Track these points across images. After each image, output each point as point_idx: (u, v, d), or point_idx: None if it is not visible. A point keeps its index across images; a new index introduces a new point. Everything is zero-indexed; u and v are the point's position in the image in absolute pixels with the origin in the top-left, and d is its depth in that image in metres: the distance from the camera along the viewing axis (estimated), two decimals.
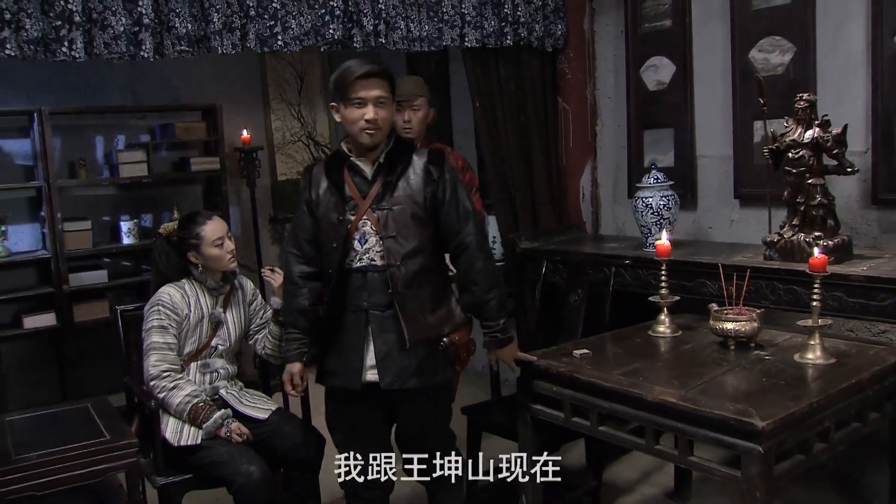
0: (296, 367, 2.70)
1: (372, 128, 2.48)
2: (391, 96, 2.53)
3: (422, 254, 2.55)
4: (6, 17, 2.73)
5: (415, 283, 2.54)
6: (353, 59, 2.55)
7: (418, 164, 2.57)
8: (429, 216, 2.56)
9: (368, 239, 2.53)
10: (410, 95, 3.37)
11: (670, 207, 3.47)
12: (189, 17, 3.07)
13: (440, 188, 2.56)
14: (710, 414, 2.15)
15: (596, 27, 4.23)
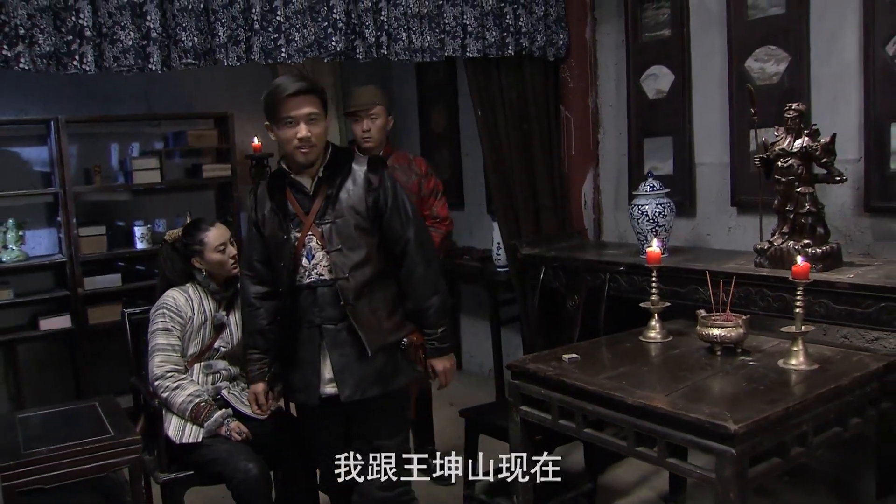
0: (259, 388, 2.70)
1: (305, 146, 2.48)
2: (323, 111, 2.53)
3: (370, 263, 2.56)
4: (20, 33, 2.85)
5: (366, 292, 2.54)
6: (282, 77, 2.56)
7: (358, 174, 2.57)
8: (373, 225, 2.57)
9: (315, 254, 2.54)
10: (368, 105, 3.43)
11: (665, 215, 3.53)
12: (195, 31, 3.18)
13: (381, 195, 2.56)
14: (686, 417, 2.22)
15: (598, 36, 4.30)
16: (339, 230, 2.52)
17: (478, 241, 5.24)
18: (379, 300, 2.58)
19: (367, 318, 2.54)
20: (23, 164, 4.60)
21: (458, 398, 4.59)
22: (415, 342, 2.63)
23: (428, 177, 3.58)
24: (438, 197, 3.60)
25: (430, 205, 3.57)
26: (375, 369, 2.56)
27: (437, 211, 3.57)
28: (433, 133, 5.65)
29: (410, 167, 3.56)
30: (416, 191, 3.50)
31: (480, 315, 5.23)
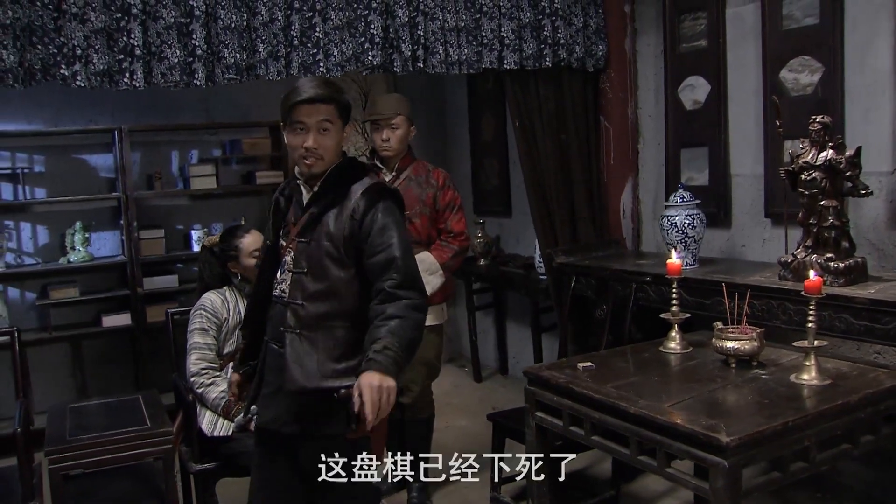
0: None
1: (311, 157, 2.31)
2: (339, 121, 2.34)
3: (333, 297, 2.33)
4: (77, 53, 3.08)
5: (320, 326, 2.32)
6: (303, 80, 2.40)
7: (352, 198, 2.34)
8: (345, 257, 2.32)
9: (285, 269, 2.40)
10: (389, 114, 3.48)
11: (695, 226, 3.54)
12: (237, 48, 3.37)
13: (363, 227, 2.30)
14: (683, 428, 2.25)
15: (638, 47, 4.33)
16: (309, 253, 2.34)
17: (523, 249, 5.31)
18: (335, 340, 2.33)
19: (303, 353, 2.31)
20: (90, 170, 4.91)
21: (502, 402, 4.69)
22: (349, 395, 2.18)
23: (444, 189, 3.56)
24: (455, 211, 3.57)
25: (446, 218, 3.56)
26: (298, 407, 2.33)
27: (452, 225, 3.56)
28: (482, 141, 5.75)
29: (428, 179, 3.56)
30: (430, 204, 3.53)
31: (524, 321, 5.31)
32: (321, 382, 2.30)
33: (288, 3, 3.44)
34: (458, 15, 3.82)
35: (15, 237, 4.82)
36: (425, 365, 3.62)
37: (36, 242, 4.89)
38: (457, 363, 6.16)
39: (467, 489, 3.82)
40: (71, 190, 4.75)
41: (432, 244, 3.55)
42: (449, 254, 3.53)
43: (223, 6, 3.32)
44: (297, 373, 2.29)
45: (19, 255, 4.83)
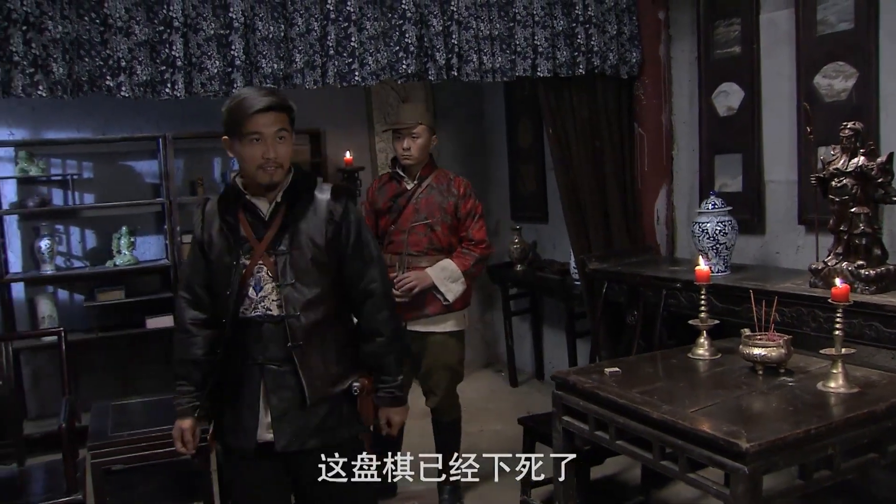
0: (186, 424, 2.43)
1: (271, 166, 2.27)
2: (291, 128, 2.35)
3: (324, 302, 2.36)
4: (122, 65, 3.22)
5: (317, 333, 2.34)
6: (248, 89, 2.40)
7: (321, 203, 2.36)
8: (331, 260, 2.36)
9: (264, 286, 2.31)
10: (410, 123, 3.52)
11: (727, 233, 3.54)
12: (275, 58, 3.46)
13: (343, 229, 2.36)
14: (704, 433, 2.27)
15: (672, 53, 4.33)
16: (293, 263, 2.31)
17: (560, 255, 5.33)
18: (329, 343, 2.38)
19: (313, 363, 2.34)
20: (135, 176, 5.07)
21: (537, 406, 4.71)
22: (367, 386, 2.44)
23: (466, 198, 3.60)
24: (476, 219, 3.61)
25: (467, 227, 3.60)
26: (316, 420, 2.35)
27: (473, 234, 3.59)
28: (519, 147, 5.79)
29: (449, 188, 3.60)
30: (451, 212, 3.57)
31: (560, 326, 5.33)
32: (337, 387, 2.38)
33: (324, 14, 3.53)
34: (492, 24, 3.87)
35: (65, 241, 5.02)
36: (448, 370, 3.67)
37: (84, 246, 5.08)
38: (493, 368, 6.20)
39: (498, 492, 3.85)
40: (117, 195, 4.92)
41: (453, 252, 3.60)
42: (470, 261, 3.58)
43: (261, 18, 3.42)
44: (317, 383, 2.33)
45: (69, 259, 5.03)
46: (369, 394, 2.44)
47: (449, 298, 3.54)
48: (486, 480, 3.97)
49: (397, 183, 3.63)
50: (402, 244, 3.55)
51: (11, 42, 3.03)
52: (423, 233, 3.55)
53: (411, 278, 3.49)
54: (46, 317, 4.76)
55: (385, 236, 3.62)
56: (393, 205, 3.59)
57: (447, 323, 3.62)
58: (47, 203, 4.86)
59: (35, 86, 3.07)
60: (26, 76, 3.06)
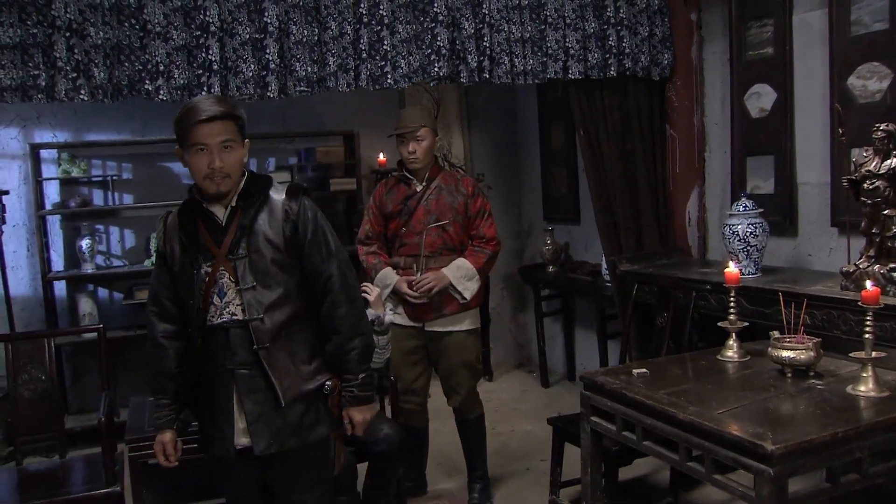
0: (166, 437, 2.43)
1: (217, 176, 2.25)
2: (240, 138, 2.31)
3: (288, 302, 2.35)
4: (160, 69, 3.30)
5: (283, 334, 2.33)
6: (197, 98, 2.39)
7: (276, 203, 2.35)
8: (291, 259, 2.35)
9: (227, 291, 2.30)
10: (414, 126, 3.55)
11: (757, 235, 3.52)
12: (308, 61, 3.52)
13: (300, 226, 2.34)
14: (729, 435, 2.28)
15: (704, 55, 4.31)
16: (253, 265, 2.30)
17: (591, 256, 5.34)
18: (298, 343, 2.38)
19: (282, 364, 2.33)
20: (173, 177, 5.18)
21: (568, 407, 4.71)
22: (336, 386, 2.43)
23: (475, 197, 3.63)
24: (485, 217, 3.64)
25: (477, 225, 3.63)
26: (293, 419, 2.35)
27: (484, 231, 3.63)
28: (551, 149, 5.80)
29: (457, 188, 3.63)
30: (462, 211, 3.61)
31: (592, 327, 5.33)
32: (309, 384, 2.37)
33: (357, 18, 3.58)
34: (524, 26, 3.89)
35: (104, 240, 5.15)
36: (468, 368, 3.70)
37: (123, 246, 5.21)
38: (525, 368, 6.22)
39: (527, 491, 3.90)
40: (155, 196, 5.02)
41: (464, 250, 3.64)
42: (483, 258, 3.62)
43: (295, 22, 3.48)
44: (288, 382, 2.33)
45: (108, 258, 5.16)
46: (337, 394, 2.43)
47: (466, 297, 3.58)
48: (515, 479, 4.05)
49: (406, 186, 3.66)
50: (417, 246, 3.59)
51: (55, 48, 3.13)
52: (437, 234, 3.59)
53: (429, 279, 3.54)
54: (87, 314, 4.89)
55: (396, 239, 3.66)
56: (404, 207, 3.62)
57: (465, 322, 3.66)
58: (88, 203, 4.99)
59: (77, 90, 3.17)
60: (69, 81, 3.15)
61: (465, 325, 3.67)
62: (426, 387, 3.79)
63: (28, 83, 3.15)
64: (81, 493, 3.00)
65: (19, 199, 4.92)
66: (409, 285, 3.56)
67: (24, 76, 3.14)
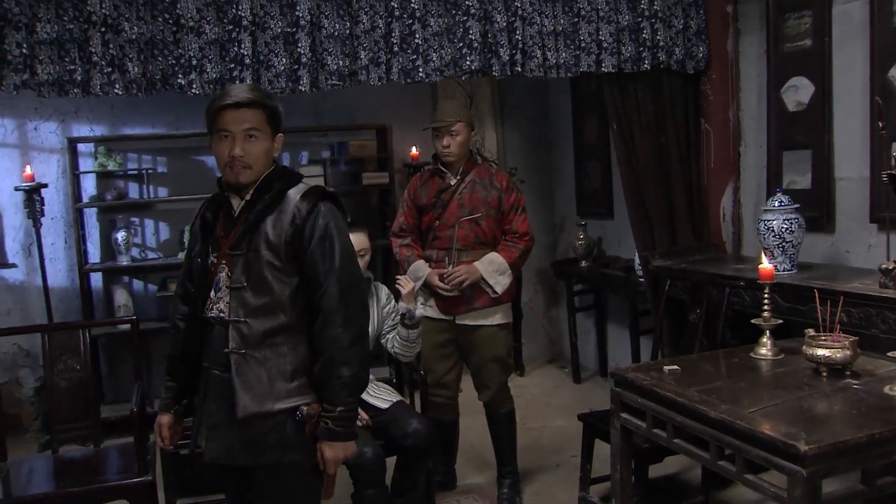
0: (164, 419, 2.39)
1: (237, 165, 2.16)
2: (268, 128, 2.21)
3: (278, 311, 2.17)
4: (193, 63, 3.33)
5: (267, 344, 2.16)
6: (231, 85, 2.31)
7: (289, 203, 2.20)
8: (289, 265, 2.18)
9: (222, 286, 2.21)
10: (449, 121, 3.53)
11: (793, 231, 3.46)
12: (340, 55, 3.53)
13: (305, 231, 2.17)
14: (762, 434, 2.24)
15: (740, 47, 4.24)
16: (248, 265, 2.18)
17: (625, 251, 5.29)
18: (282, 357, 2.18)
19: (253, 375, 2.15)
20: (207, 171, 5.23)
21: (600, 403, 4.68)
22: (314, 413, 2.18)
23: (509, 192, 3.62)
24: (519, 212, 3.62)
25: (511, 220, 3.62)
26: (250, 436, 2.17)
27: (517, 226, 3.61)
28: (585, 143, 5.76)
29: (491, 182, 3.62)
30: (495, 206, 3.59)
31: (624, 323, 5.29)
32: (275, 405, 2.16)
33: (388, 11, 3.58)
34: (556, 19, 3.86)
35: (139, 233, 5.22)
36: (498, 362, 3.69)
37: (158, 238, 5.28)
38: (557, 364, 6.19)
39: (557, 487, 3.88)
40: (189, 189, 5.07)
41: (497, 245, 3.63)
42: (516, 253, 3.60)
43: (327, 16, 3.49)
44: (248, 397, 2.14)
45: (143, 250, 5.23)
46: (315, 423, 2.18)
47: (497, 291, 3.56)
48: (545, 475, 4.03)
49: (440, 179, 3.65)
50: (449, 239, 3.59)
51: (91, 43, 3.18)
52: (470, 227, 3.58)
53: (461, 272, 3.53)
54: (122, 305, 4.96)
55: (429, 232, 3.66)
56: (437, 200, 3.62)
57: (496, 316, 3.65)
58: (124, 196, 5.06)
59: (112, 84, 3.21)
60: (104, 75, 3.19)
61: (496, 320, 3.66)
62: (457, 381, 3.78)
63: (64, 78, 3.19)
64: (115, 482, 3.03)
65: (57, 192, 5.01)
66: (441, 278, 3.55)
67: (60, 71, 3.19)
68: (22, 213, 4.76)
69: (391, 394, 3.38)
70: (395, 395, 3.39)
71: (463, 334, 3.66)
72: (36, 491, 3.02)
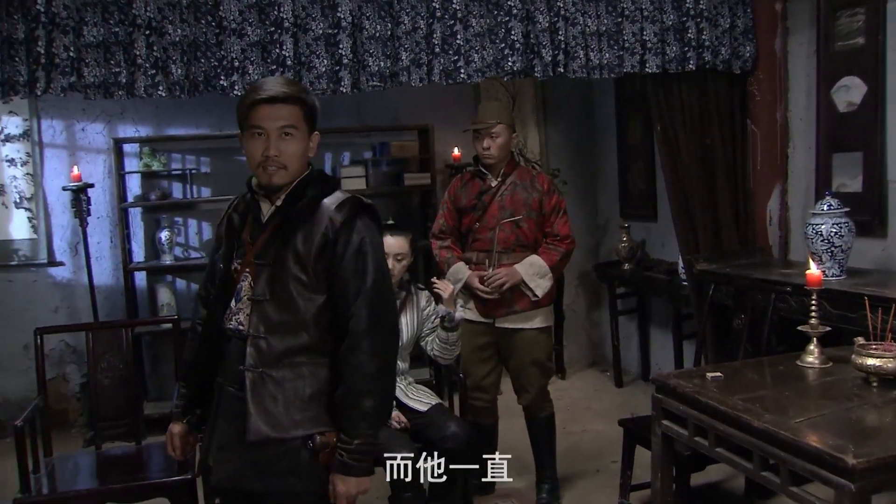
0: (176, 428, 2.25)
1: (272, 165, 2.00)
2: (305, 125, 2.04)
3: (301, 330, 2.01)
4: (235, 65, 3.36)
5: (284, 363, 2.00)
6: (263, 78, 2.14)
7: (323, 214, 2.03)
8: (318, 282, 2.02)
9: (242, 297, 2.06)
10: (489, 123, 3.49)
11: (843, 235, 3.37)
12: (381, 56, 3.53)
13: (339, 245, 2.00)
14: (808, 446, 2.18)
15: (789, 46, 4.14)
16: (273, 277, 2.02)
17: (668, 254, 5.21)
18: (301, 378, 2.01)
19: (268, 397, 1.99)
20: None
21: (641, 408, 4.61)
22: (331, 444, 2.02)
23: (550, 194, 3.58)
24: (560, 215, 3.59)
25: (552, 222, 3.58)
26: (262, 460, 2.01)
27: (558, 229, 3.57)
28: (629, 144, 5.68)
29: (533, 184, 3.59)
30: (536, 208, 3.56)
31: (668, 327, 5.20)
32: (289, 431, 1.99)
33: (430, 12, 3.57)
34: (600, 19, 3.82)
35: (183, 232, 5.28)
36: (538, 366, 3.65)
37: (201, 238, 5.34)
38: (598, 367, 6.13)
39: (597, 493, 3.83)
40: (233, 189, 4.97)
41: (538, 247, 3.59)
42: (557, 256, 3.56)
43: (368, 17, 3.50)
44: (261, 420, 1.97)
45: (186, 249, 5.29)
46: (330, 452, 2.02)
47: (538, 294, 3.53)
48: (584, 480, 3.98)
49: (481, 181, 3.63)
50: (490, 241, 3.56)
51: (136, 46, 3.23)
52: (511, 229, 3.55)
53: (501, 275, 3.50)
54: (165, 304, 5.03)
55: (469, 234, 3.64)
56: (478, 202, 3.59)
57: (536, 319, 3.61)
58: (167, 196, 5.13)
59: (156, 87, 3.25)
60: (148, 77, 3.24)
61: (536, 323, 3.62)
62: (496, 384, 3.76)
63: (110, 80, 3.25)
64: (156, 480, 3.07)
65: (103, 192, 5.09)
66: (481, 280, 3.53)
67: (106, 74, 3.24)
68: (69, 213, 4.85)
69: (430, 396, 3.37)
70: (434, 397, 3.38)
71: (503, 337, 3.64)
72: (80, 487, 3.07)
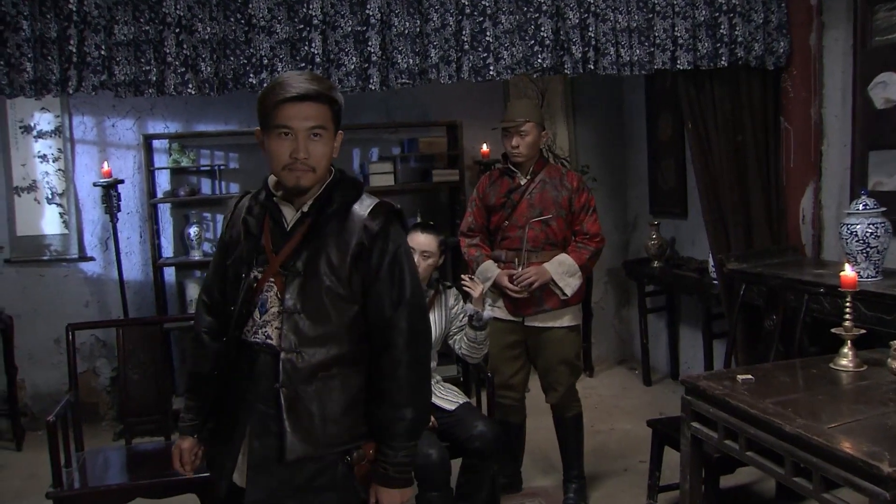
0: (185, 443, 2.16)
1: (300, 168, 1.88)
2: (333, 125, 1.93)
3: (335, 341, 1.93)
4: (264, 63, 3.36)
5: (320, 377, 1.91)
6: (289, 73, 2.01)
7: (355, 221, 1.94)
8: (352, 292, 1.93)
9: (269, 308, 1.94)
10: (518, 121, 3.46)
11: (879, 236, 3.30)
12: (410, 53, 3.52)
13: (374, 254, 1.92)
14: (841, 452, 2.14)
15: (824, 42, 4.06)
16: (305, 288, 1.91)
17: (698, 252, 5.16)
18: (334, 391, 1.93)
19: (304, 414, 1.90)
20: None
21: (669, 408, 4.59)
22: (367, 456, 1.97)
23: (580, 192, 3.55)
24: (590, 213, 3.55)
25: (581, 220, 3.55)
26: (299, 479, 1.93)
27: (588, 227, 3.54)
28: (659, 141, 5.62)
29: (562, 182, 3.56)
30: (566, 206, 3.53)
31: (697, 326, 5.15)
32: (327, 448, 1.93)
33: (459, 9, 3.55)
34: (630, 15, 3.77)
35: (211, 228, 5.31)
36: (567, 364, 3.63)
37: None
38: (627, 365, 6.08)
39: (624, 493, 3.80)
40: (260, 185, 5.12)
41: (567, 245, 3.57)
42: (586, 255, 3.54)
43: (397, 14, 3.48)
44: (298, 438, 1.90)
45: (214, 245, 5.29)
46: (367, 464, 1.98)
47: (567, 293, 3.51)
48: (612, 480, 3.95)
49: (510, 179, 3.61)
50: (519, 240, 3.54)
51: (165, 44, 3.24)
52: (540, 228, 3.53)
53: (530, 274, 3.48)
54: (194, 299, 5.06)
55: (498, 232, 3.63)
56: (507, 200, 3.57)
57: (565, 318, 3.59)
58: (196, 192, 5.16)
59: (185, 84, 3.27)
60: (177, 75, 3.25)
61: (565, 322, 3.60)
62: (524, 382, 3.74)
63: (140, 78, 3.27)
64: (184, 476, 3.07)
65: (133, 188, 5.14)
66: (510, 279, 3.51)
67: (136, 71, 3.26)
68: (100, 208, 4.90)
69: (458, 395, 3.35)
70: (462, 396, 3.37)
71: (531, 336, 3.62)
72: (110, 482, 3.11)
